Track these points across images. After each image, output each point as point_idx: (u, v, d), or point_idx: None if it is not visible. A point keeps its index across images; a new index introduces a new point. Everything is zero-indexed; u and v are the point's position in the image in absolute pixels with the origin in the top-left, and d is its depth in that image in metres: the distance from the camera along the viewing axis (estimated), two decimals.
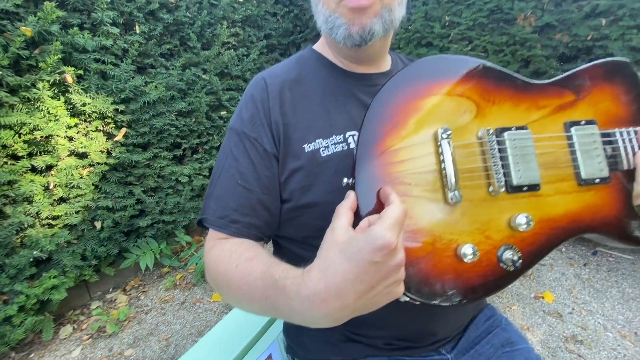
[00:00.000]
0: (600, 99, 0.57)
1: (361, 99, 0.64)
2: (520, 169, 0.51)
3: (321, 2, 0.58)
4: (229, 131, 0.65)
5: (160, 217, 2.31)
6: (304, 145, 0.60)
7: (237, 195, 0.59)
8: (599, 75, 0.58)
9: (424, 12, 2.55)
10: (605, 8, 2.09)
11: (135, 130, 2.08)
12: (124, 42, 1.92)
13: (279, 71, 0.67)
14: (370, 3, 0.54)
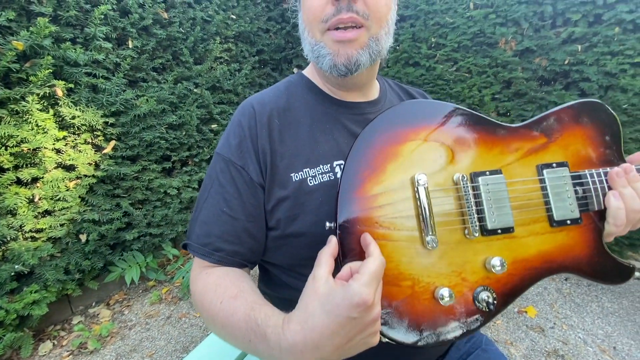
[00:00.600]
0: (571, 141, 0.59)
1: (349, 127, 0.65)
2: (494, 212, 0.53)
3: (307, 31, 0.60)
4: (215, 156, 0.64)
5: (148, 230, 2.29)
6: (291, 174, 0.60)
7: (221, 223, 0.60)
8: (570, 117, 0.59)
9: (412, 33, 2.65)
10: (580, 35, 2.22)
11: (125, 143, 2.08)
12: (116, 57, 1.94)
13: (267, 98, 0.66)
14: (357, 36, 0.56)
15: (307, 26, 0.59)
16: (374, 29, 0.57)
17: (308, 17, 0.58)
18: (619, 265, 0.57)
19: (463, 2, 2.46)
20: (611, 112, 0.60)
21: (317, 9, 0.56)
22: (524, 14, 2.30)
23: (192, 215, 0.64)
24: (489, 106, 2.56)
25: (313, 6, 0.56)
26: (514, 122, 1.96)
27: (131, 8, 1.95)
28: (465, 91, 2.60)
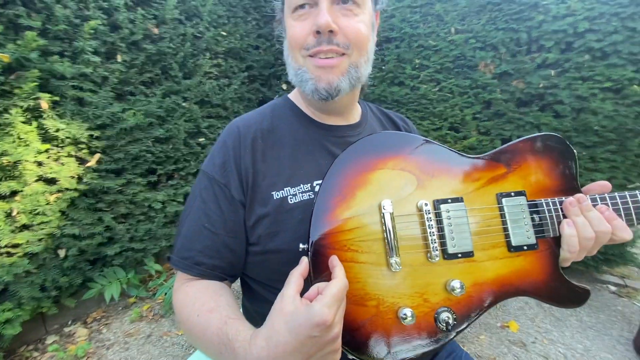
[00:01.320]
0: (530, 171, 0.63)
1: (330, 149, 0.68)
2: (455, 238, 0.57)
3: (290, 56, 0.63)
4: (200, 173, 0.68)
5: (130, 245, 2.24)
6: (272, 193, 0.63)
7: (202, 237, 0.62)
8: (529, 149, 0.63)
9: (397, 54, 2.75)
10: (553, 60, 2.36)
11: (110, 156, 2.05)
12: (105, 70, 1.94)
13: (253, 120, 0.70)
14: (338, 63, 0.59)
15: (291, 52, 0.63)
16: (354, 57, 0.61)
17: (291, 44, 0.62)
18: (574, 290, 0.61)
19: (445, 27, 2.58)
20: (568, 145, 0.64)
21: (300, 37, 0.60)
22: (501, 40, 2.44)
23: (177, 230, 0.67)
24: (470, 125, 2.67)
25: (296, 34, 0.60)
26: (494, 141, 2.05)
27: (121, 23, 1.97)
28: (448, 110, 2.70)
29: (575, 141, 2.41)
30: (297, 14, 0.60)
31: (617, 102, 2.27)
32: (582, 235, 0.58)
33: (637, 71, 2.20)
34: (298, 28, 0.60)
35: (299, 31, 0.60)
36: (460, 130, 2.73)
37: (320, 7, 0.57)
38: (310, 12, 0.59)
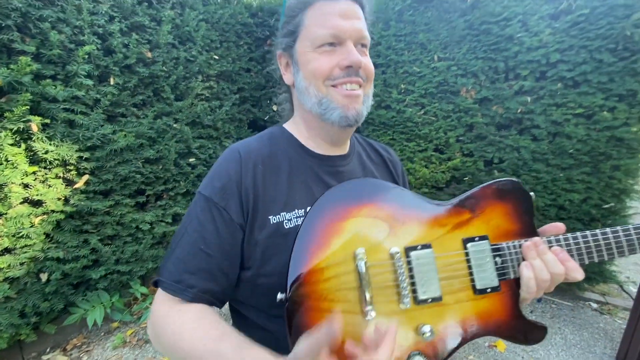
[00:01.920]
0: (492, 216, 0.66)
1: (322, 177, 0.73)
2: (425, 284, 0.60)
3: (313, 86, 0.67)
4: (198, 196, 0.68)
5: (116, 267, 2.19)
6: (269, 217, 0.65)
7: (197, 260, 0.62)
8: (491, 195, 0.67)
9: (383, 79, 2.87)
10: (529, 88, 2.50)
11: (98, 177, 2.04)
12: (97, 93, 1.96)
13: (253, 146, 0.73)
14: (360, 93, 0.67)
15: (314, 82, 0.67)
16: (367, 89, 0.70)
17: (316, 75, 0.66)
18: (533, 327, 0.64)
19: (428, 55, 2.72)
20: (525, 191, 0.68)
21: (327, 69, 0.66)
22: (481, 68, 2.58)
23: (166, 253, 0.66)
24: (454, 147, 2.77)
25: (323, 67, 0.66)
26: (477, 162, 2.14)
27: (116, 48, 2.01)
28: (433, 133, 2.81)
29: (553, 163, 2.53)
30: (323, 49, 0.66)
31: (589, 127, 2.41)
32: (539, 277, 0.62)
33: (606, 99, 2.36)
34: (324, 61, 0.65)
35: (326, 64, 0.65)
36: (444, 152, 2.83)
37: (349, 47, 0.65)
38: (335, 50, 0.66)
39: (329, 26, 0.64)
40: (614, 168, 2.42)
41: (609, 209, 2.49)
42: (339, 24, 0.64)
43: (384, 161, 0.89)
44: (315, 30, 0.65)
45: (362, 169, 0.82)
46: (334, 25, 0.64)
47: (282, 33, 0.72)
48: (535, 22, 2.40)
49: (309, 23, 0.67)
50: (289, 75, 0.73)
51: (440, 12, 2.63)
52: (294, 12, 0.69)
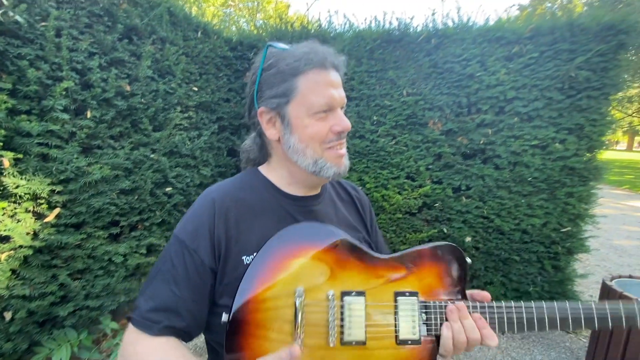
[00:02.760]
0: (426, 275, 0.72)
1: (295, 217, 0.79)
2: (352, 327, 0.66)
3: (310, 148, 0.74)
4: (173, 237, 0.72)
5: (85, 303, 2.12)
6: (242, 257, 0.70)
7: (166, 299, 0.67)
8: (430, 255, 0.74)
9: (357, 111, 3.03)
10: (490, 121, 2.72)
11: (70, 210, 2.02)
12: (73, 126, 1.97)
13: (227, 190, 0.78)
14: (346, 151, 0.78)
15: (311, 144, 0.74)
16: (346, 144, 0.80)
17: (314, 139, 0.73)
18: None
19: (398, 90, 2.92)
20: (463, 257, 0.75)
21: (323, 134, 0.73)
22: (446, 102, 2.79)
23: (141, 289, 0.71)
24: (424, 175, 2.92)
25: (321, 132, 0.73)
26: (446, 190, 2.28)
27: (94, 82, 2.05)
28: (404, 161, 2.96)
29: (514, 190, 2.72)
30: (318, 116, 0.72)
31: (544, 157, 2.63)
32: (457, 338, 0.68)
33: (557, 132, 2.60)
34: (321, 127, 0.72)
35: (323, 130, 0.73)
36: (415, 179, 2.98)
37: (340, 113, 0.74)
38: (327, 115, 0.73)
39: (325, 96, 0.71)
40: (569, 195, 2.63)
41: (567, 232, 2.67)
42: (332, 94, 0.71)
43: (352, 200, 0.96)
44: (312, 99, 0.71)
45: (333, 207, 0.88)
46: (329, 95, 0.71)
47: (271, 93, 0.74)
48: (492, 63, 2.64)
49: (304, 91, 0.71)
50: (274, 131, 0.77)
51: (407, 52, 2.85)
52: (284, 76, 0.72)
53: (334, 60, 0.74)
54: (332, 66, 0.73)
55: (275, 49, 0.75)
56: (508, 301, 0.72)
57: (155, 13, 2.44)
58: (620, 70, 2.41)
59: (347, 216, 0.90)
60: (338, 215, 0.87)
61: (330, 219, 0.84)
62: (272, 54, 0.75)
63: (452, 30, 2.73)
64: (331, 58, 0.73)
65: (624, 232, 6.21)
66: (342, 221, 0.86)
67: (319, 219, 0.81)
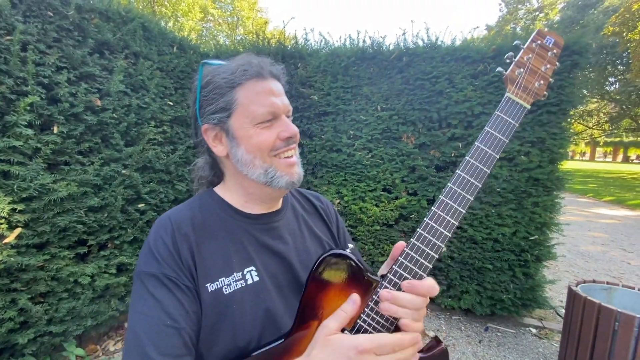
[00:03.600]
0: (333, 305, 0.62)
1: (256, 236, 0.76)
2: None
3: (258, 158, 0.72)
4: (142, 277, 0.65)
5: (47, 328, 2.00)
6: (206, 285, 0.65)
7: (169, 337, 0.60)
8: (317, 288, 0.65)
9: (333, 126, 3.09)
10: (460, 135, 2.84)
11: (33, 229, 1.92)
12: (38, 142, 1.90)
13: (183, 214, 0.72)
14: (297, 158, 0.76)
15: (258, 154, 0.71)
16: (297, 151, 0.78)
17: (261, 148, 0.70)
18: None
19: (372, 105, 3.01)
20: (332, 255, 0.67)
21: (270, 142, 0.71)
22: (418, 117, 2.90)
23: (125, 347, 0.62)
24: (400, 187, 2.99)
25: (267, 141, 0.70)
26: (420, 201, 2.33)
27: (62, 97, 1.99)
28: (380, 174, 3.03)
29: (485, 201, 2.83)
30: (262, 125, 0.70)
31: (511, 169, 2.76)
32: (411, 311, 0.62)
33: (521, 145, 2.74)
34: (267, 135, 0.70)
35: (269, 138, 0.71)
36: (392, 192, 3.04)
37: (285, 120, 0.73)
38: (272, 124, 0.71)
39: (266, 104, 0.70)
40: (535, 204, 2.76)
41: (535, 240, 2.80)
42: (274, 102, 0.70)
43: (316, 210, 0.94)
44: (253, 109, 0.69)
45: (296, 221, 0.86)
46: (270, 103, 0.70)
47: (211, 109, 0.72)
48: (460, 80, 2.78)
49: (244, 102, 0.70)
50: (221, 147, 0.75)
51: (380, 69, 2.96)
52: (222, 90, 0.70)
53: (271, 69, 0.73)
54: (271, 75, 0.73)
55: (211, 66, 0.73)
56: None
57: (129, 28, 2.42)
58: (574, 88, 2.60)
59: (313, 228, 0.88)
60: (302, 230, 0.85)
61: (293, 233, 0.82)
62: (209, 71, 0.73)
63: (422, 49, 2.86)
64: (268, 67, 0.72)
65: (589, 239, 6.55)
66: (307, 235, 0.85)
67: (282, 235, 0.79)
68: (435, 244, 0.62)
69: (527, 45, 0.68)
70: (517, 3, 29.67)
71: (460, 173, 0.63)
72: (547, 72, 0.67)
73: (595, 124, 26.19)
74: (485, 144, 0.64)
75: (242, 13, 23.45)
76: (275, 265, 0.75)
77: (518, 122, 0.64)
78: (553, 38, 0.67)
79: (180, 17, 18.17)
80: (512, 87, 0.66)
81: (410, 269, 0.62)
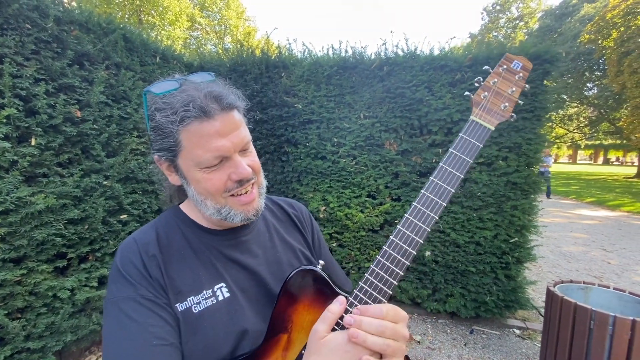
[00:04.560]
0: (302, 319, 0.65)
1: (224, 252, 0.74)
2: None
3: (209, 200, 0.68)
4: (115, 303, 0.62)
5: (25, 345, 1.94)
6: (176, 305, 0.64)
7: (158, 356, 0.58)
8: (287, 302, 0.67)
9: (318, 134, 3.13)
10: (440, 141, 2.91)
11: (10, 243, 1.88)
12: (14, 155, 1.87)
13: (148, 236, 0.70)
14: (255, 193, 0.71)
15: (210, 197, 0.68)
16: (259, 181, 0.74)
17: (210, 190, 0.67)
18: None
19: (355, 113, 3.06)
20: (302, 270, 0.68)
21: (220, 187, 0.66)
22: (400, 125, 2.96)
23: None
24: (384, 193, 3.04)
25: (217, 185, 0.66)
26: (404, 206, 2.38)
27: (40, 109, 1.97)
28: (365, 180, 3.07)
29: (466, 205, 2.89)
30: (209, 168, 0.65)
31: (490, 173, 2.84)
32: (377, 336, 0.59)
33: (499, 150, 2.83)
34: (216, 180, 0.66)
35: (218, 181, 0.66)
36: (376, 197, 3.08)
37: (236, 160, 0.66)
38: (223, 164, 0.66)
39: (212, 149, 0.63)
40: (514, 207, 2.84)
41: (515, 242, 2.87)
42: (221, 146, 0.63)
43: (289, 217, 0.92)
44: (198, 154, 0.64)
45: (267, 231, 0.84)
46: (216, 147, 0.63)
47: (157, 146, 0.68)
48: (439, 88, 2.87)
49: (188, 145, 0.64)
50: (175, 177, 0.72)
51: (362, 78, 3.03)
52: (165, 131, 0.64)
53: (221, 102, 0.64)
54: (220, 109, 0.64)
55: (154, 95, 0.65)
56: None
57: (110, 39, 2.42)
58: (546, 95, 2.71)
59: (286, 237, 0.86)
60: (273, 241, 0.84)
61: (263, 246, 0.81)
62: (152, 103, 0.66)
63: (401, 58, 2.94)
64: (215, 101, 0.64)
65: (571, 239, 6.73)
66: (278, 245, 0.84)
67: (251, 249, 0.78)
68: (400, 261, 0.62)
69: (494, 70, 0.71)
70: (499, 12, 30.69)
71: (425, 192, 0.65)
72: (513, 95, 0.70)
73: (575, 128, 27.06)
74: (450, 165, 0.67)
75: (230, 22, 23.56)
76: (246, 279, 0.73)
77: (482, 143, 0.66)
78: (521, 62, 0.70)
79: (167, 26, 18.14)
80: (476, 109, 0.69)
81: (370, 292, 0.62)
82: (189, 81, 0.66)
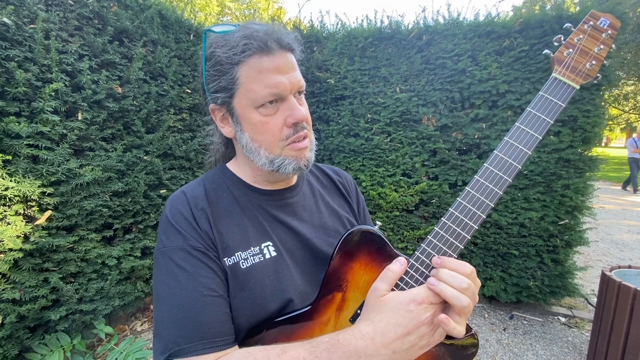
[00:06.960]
0: (358, 278, 0.65)
1: (271, 212, 0.74)
2: None
3: (264, 149, 0.68)
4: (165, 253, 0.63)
5: (78, 307, 2.09)
6: (224, 259, 0.65)
7: (208, 307, 0.59)
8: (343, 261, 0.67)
9: (351, 110, 3.03)
10: (483, 115, 2.71)
11: (62, 212, 2.00)
12: (63, 128, 1.97)
13: (197, 191, 0.71)
14: (308, 143, 0.70)
15: (265, 145, 0.67)
16: (310, 136, 0.72)
17: (267, 138, 0.66)
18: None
19: (391, 87, 2.92)
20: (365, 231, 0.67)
21: (277, 132, 0.66)
22: (439, 98, 2.79)
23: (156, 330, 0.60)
24: (420, 171, 2.91)
25: (273, 130, 0.66)
26: (442, 185, 2.26)
27: (85, 84, 2.04)
28: (400, 159, 2.95)
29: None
30: (265, 108, 0.65)
31: (539, 150, 2.62)
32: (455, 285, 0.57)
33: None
34: (272, 124, 0.65)
35: (274, 127, 0.65)
36: (412, 176, 2.96)
37: (292, 102, 0.65)
38: (278, 106, 0.65)
39: (269, 85, 0.63)
40: (565, 187, 2.61)
41: (565, 225, 2.65)
42: (278, 82, 0.63)
43: (334, 184, 0.91)
44: (255, 89, 0.63)
45: (313, 196, 0.83)
46: (274, 83, 0.63)
47: (214, 87, 0.67)
48: (484, 58, 2.64)
49: (246, 81, 0.64)
50: (229, 128, 0.72)
51: (399, 49, 2.86)
52: (223, 67, 0.64)
53: (280, 40, 0.64)
54: (279, 47, 0.64)
55: (214, 34, 0.66)
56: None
57: (146, 15, 2.44)
58: (610, 61, 2.41)
59: (331, 203, 0.85)
60: (319, 206, 0.83)
61: (309, 210, 0.80)
62: (212, 42, 0.66)
63: (442, 26, 2.73)
64: (275, 39, 0.63)
65: (624, 227, 6.18)
66: (324, 211, 0.82)
67: (297, 212, 0.77)
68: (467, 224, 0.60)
69: (579, 27, 0.66)
70: None
71: (498, 153, 0.60)
72: (600, 53, 0.64)
73: (631, 108, 24.52)
74: (527, 125, 0.61)
75: (259, 5, 23.42)
76: (292, 241, 0.73)
77: (565, 103, 0.61)
78: (608, 20, 0.65)
79: (198, 12, 18.36)
80: (559, 67, 0.64)
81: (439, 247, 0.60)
82: (247, 24, 0.66)
